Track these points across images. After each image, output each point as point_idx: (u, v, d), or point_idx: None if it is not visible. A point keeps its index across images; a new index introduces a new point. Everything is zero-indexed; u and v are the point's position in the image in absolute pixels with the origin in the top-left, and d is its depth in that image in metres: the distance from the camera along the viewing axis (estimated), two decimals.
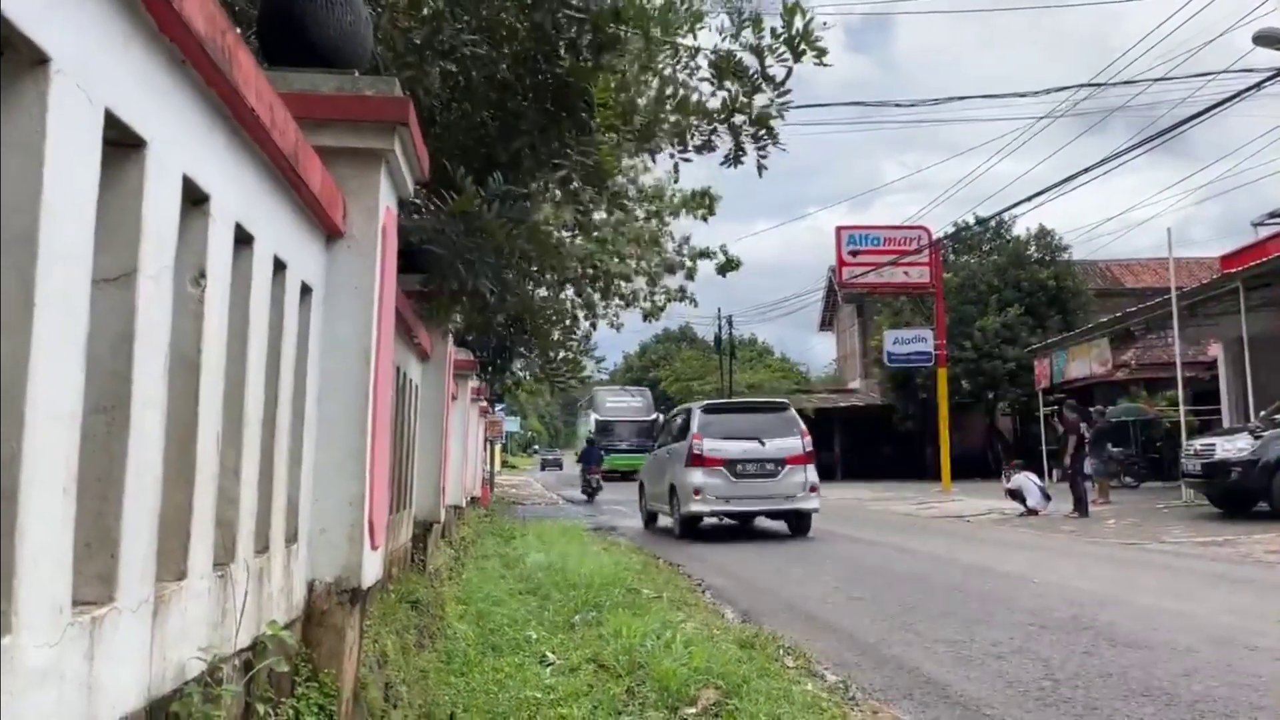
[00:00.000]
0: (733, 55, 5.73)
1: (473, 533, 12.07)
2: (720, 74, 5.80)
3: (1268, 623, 6.38)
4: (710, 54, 5.84)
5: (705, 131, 6.17)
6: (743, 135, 5.99)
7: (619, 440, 39.82)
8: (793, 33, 5.45)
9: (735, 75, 5.74)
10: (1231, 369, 21.66)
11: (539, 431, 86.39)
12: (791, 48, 5.49)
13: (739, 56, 5.72)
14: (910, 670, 5.27)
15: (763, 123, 5.91)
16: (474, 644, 5.40)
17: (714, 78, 5.86)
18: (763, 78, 5.69)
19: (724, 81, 5.82)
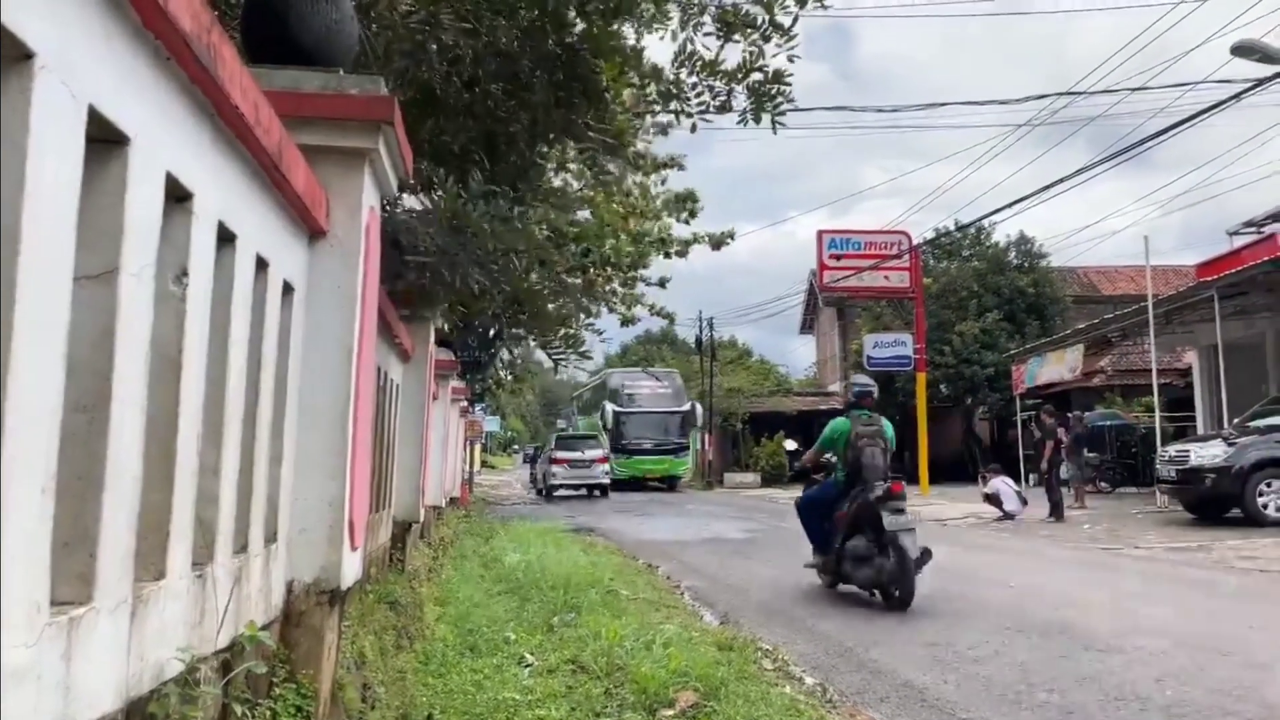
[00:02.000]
0: (738, 7, 5.73)
1: (452, 533, 12.03)
2: (729, 28, 5.79)
3: (1241, 628, 6.45)
4: (716, 7, 5.83)
5: (723, 91, 6.17)
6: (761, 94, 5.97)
7: (642, 437, 32.36)
8: None
9: (743, 27, 5.73)
10: (1206, 376, 21.89)
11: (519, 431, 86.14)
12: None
13: (745, 8, 5.72)
14: (887, 673, 5.29)
15: (779, 78, 5.90)
16: (452, 645, 5.38)
17: (720, 31, 5.85)
18: (772, 26, 5.68)
19: (732, 34, 5.81)
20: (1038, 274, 33.96)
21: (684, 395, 34.76)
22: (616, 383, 35.48)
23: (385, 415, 5.53)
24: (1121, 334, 22.49)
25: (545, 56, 5.41)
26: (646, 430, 32.48)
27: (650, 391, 34.44)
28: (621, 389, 34.57)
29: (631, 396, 33.83)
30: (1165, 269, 31.99)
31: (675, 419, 32.93)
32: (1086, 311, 31.09)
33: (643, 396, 33.93)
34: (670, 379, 35.95)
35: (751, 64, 5.75)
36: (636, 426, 32.42)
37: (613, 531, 15.08)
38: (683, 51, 5.93)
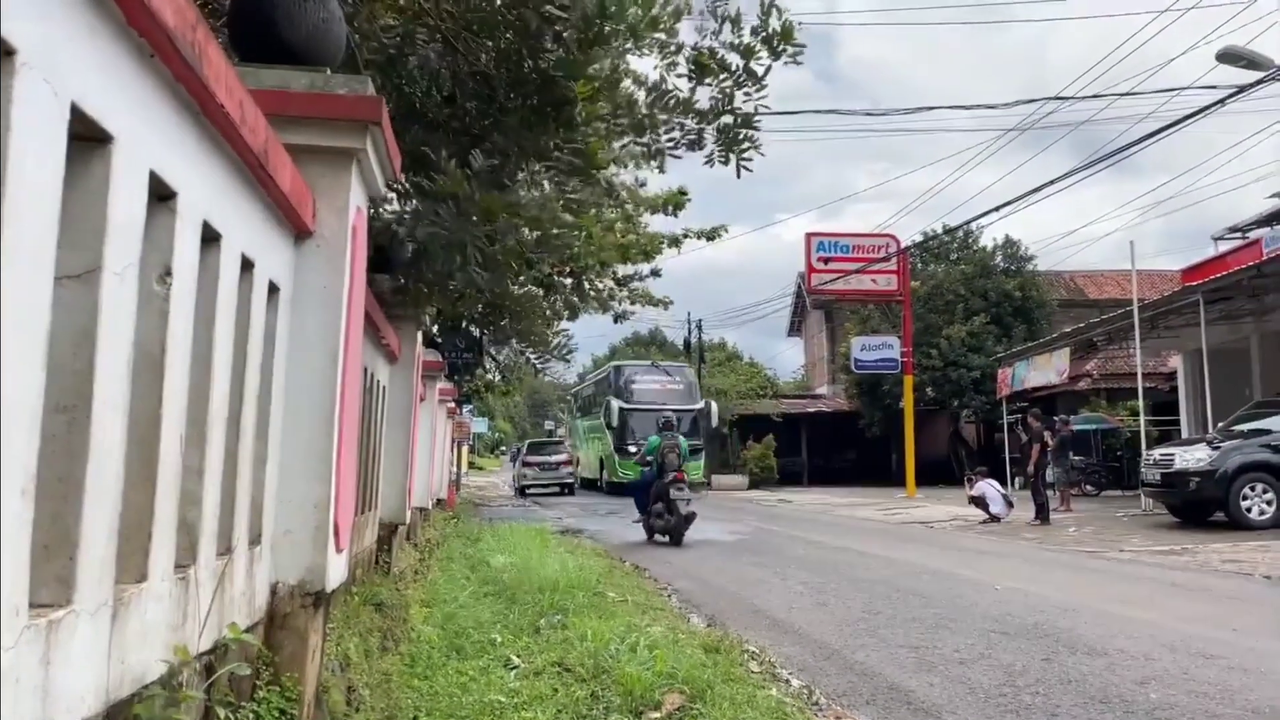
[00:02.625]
0: (715, 52, 5.79)
1: (439, 534, 12.00)
2: (702, 71, 5.86)
3: (1224, 631, 6.48)
4: (692, 50, 5.89)
5: (694, 130, 6.24)
6: (730, 137, 6.05)
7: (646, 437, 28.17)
8: (770, 31, 5.52)
9: (717, 72, 5.79)
10: (1191, 380, 22.03)
11: (507, 432, 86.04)
12: (770, 46, 5.56)
13: (721, 54, 5.77)
14: (873, 676, 5.30)
15: (748, 124, 5.97)
16: (438, 647, 5.36)
17: (694, 74, 5.91)
18: (746, 74, 5.74)
19: (705, 78, 5.88)
20: (1024, 278, 34.12)
21: (697, 392, 31.97)
22: (622, 376, 31.76)
23: (371, 417, 5.51)
24: (1107, 338, 22.59)
25: (520, 80, 5.45)
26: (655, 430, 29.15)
27: (660, 387, 31.10)
28: (628, 383, 31.19)
29: (639, 392, 30.67)
30: (1151, 273, 32.24)
31: (688, 418, 28.70)
32: (1073, 315, 31.24)
33: (652, 392, 30.62)
34: (682, 373, 32.84)
35: (723, 107, 5.82)
36: (644, 425, 27.76)
37: (601, 534, 15.08)
38: (656, 88, 5.98)
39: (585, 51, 5.42)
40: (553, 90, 5.53)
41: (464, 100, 5.78)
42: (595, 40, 5.38)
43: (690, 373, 33.41)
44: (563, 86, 5.47)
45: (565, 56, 5.39)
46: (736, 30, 5.69)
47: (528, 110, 5.65)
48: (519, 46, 5.46)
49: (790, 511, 21.43)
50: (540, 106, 5.62)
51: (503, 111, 5.70)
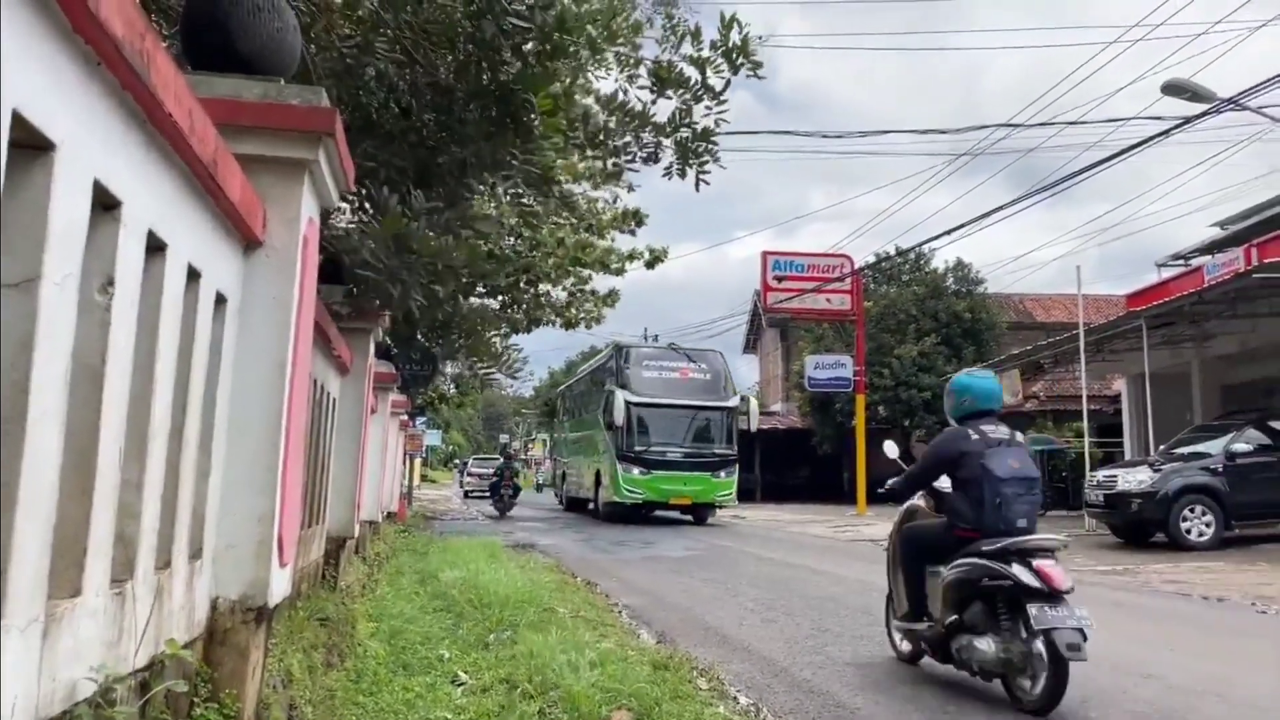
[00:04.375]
0: (674, 65, 5.84)
1: (388, 548, 11.87)
2: (662, 83, 5.91)
3: (1162, 651, 6.61)
4: (651, 63, 5.95)
5: (651, 144, 6.29)
6: (687, 150, 6.11)
7: (667, 444, 21.84)
8: (729, 45, 5.58)
9: (676, 85, 5.85)
10: (1134, 403, 22.52)
11: (461, 445, 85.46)
12: (729, 60, 5.63)
13: (680, 67, 5.83)
14: (820, 693, 5.33)
15: (706, 137, 6.03)
16: (384, 662, 5.29)
17: (654, 86, 5.96)
18: (704, 88, 5.80)
19: (665, 91, 5.93)
20: (974, 300, 34.68)
21: (729, 385, 23.58)
22: (629, 360, 23.02)
23: (321, 429, 5.45)
24: (1054, 360, 23.02)
25: (479, 92, 5.46)
26: (674, 433, 21.93)
27: (680, 376, 22.79)
28: (638, 370, 22.63)
29: (652, 381, 22.33)
30: (1097, 298, 32.93)
31: (718, 418, 22.39)
32: (1021, 337, 31.82)
33: (670, 383, 22.52)
34: (709, 360, 23.88)
35: (681, 120, 5.88)
36: (660, 427, 21.78)
37: (553, 549, 15.00)
38: (614, 100, 6.03)
39: (545, 64, 5.45)
40: (511, 102, 5.55)
41: (421, 112, 5.78)
42: (555, 53, 5.42)
43: (721, 360, 24.21)
44: (522, 98, 5.49)
45: (525, 69, 5.41)
46: (696, 44, 5.75)
47: (486, 122, 5.66)
48: (478, 58, 5.47)
49: (743, 527, 21.42)
50: (499, 118, 5.63)
51: (461, 123, 5.71)
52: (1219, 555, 13.04)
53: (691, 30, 5.81)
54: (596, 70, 6.27)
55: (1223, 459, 14.23)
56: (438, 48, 5.56)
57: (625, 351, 23.71)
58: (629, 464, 21.49)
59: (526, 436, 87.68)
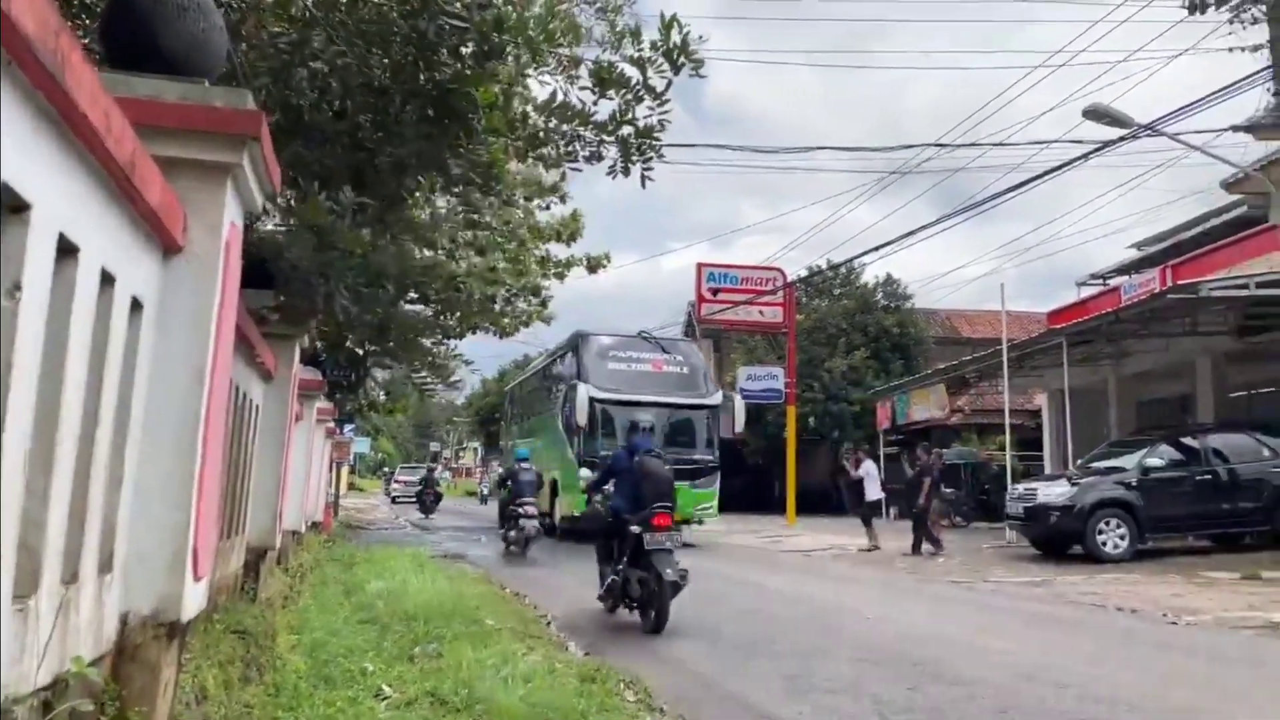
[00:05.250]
0: (614, 66, 5.85)
1: (312, 559, 11.62)
2: (602, 84, 5.91)
3: (1077, 661, 6.79)
4: (591, 64, 5.95)
5: (593, 142, 6.28)
6: (630, 148, 6.11)
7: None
8: (670, 45, 5.60)
9: (617, 85, 5.85)
10: (1054, 418, 23.14)
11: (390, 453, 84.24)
12: (670, 60, 5.65)
13: (620, 68, 5.84)
14: (747, 705, 5.36)
15: (648, 135, 6.04)
16: (305, 676, 5.18)
17: (595, 87, 5.96)
18: (645, 88, 5.82)
19: (606, 91, 5.93)
20: (903, 314, 35.35)
21: (709, 380, 20.60)
22: (592, 350, 19.66)
23: (242, 437, 5.33)
24: (978, 375, 23.56)
25: (416, 92, 5.40)
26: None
27: (653, 369, 19.59)
28: (604, 362, 19.40)
29: (620, 375, 19.14)
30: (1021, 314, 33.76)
31: (697, 418, 19.36)
32: (948, 352, 32.49)
33: (641, 377, 19.26)
34: (686, 351, 20.92)
35: (622, 118, 5.89)
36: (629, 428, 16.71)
37: (481, 559, 14.86)
38: (553, 100, 6.02)
39: (483, 64, 5.41)
40: (449, 103, 5.50)
41: (356, 113, 5.69)
42: (493, 53, 5.38)
43: (698, 352, 21.65)
44: (460, 99, 5.44)
45: (463, 69, 5.37)
46: (636, 44, 5.77)
47: (424, 122, 5.60)
48: (415, 58, 5.41)
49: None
50: (437, 119, 5.57)
51: (398, 124, 5.63)
52: (1133, 567, 13.44)
53: (631, 30, 5.82)
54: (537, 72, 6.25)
55: (1137, 474, 14.69)
56: (373, 48, 5.48)
57: (588, 340, 19.73)
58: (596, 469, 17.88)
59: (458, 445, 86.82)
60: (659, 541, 7.86)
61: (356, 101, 5.52)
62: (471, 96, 5.30)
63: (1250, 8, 13.66)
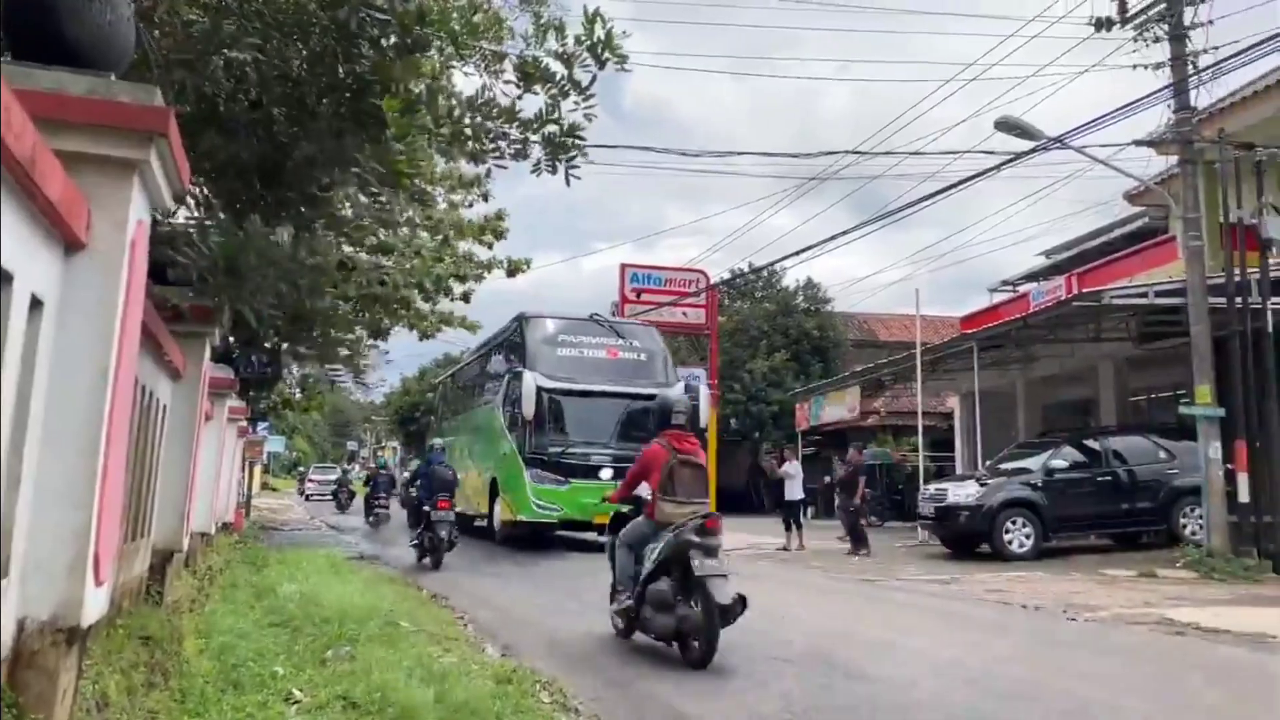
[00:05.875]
0: (539, 61, 5.85)
1: (222, 560, 11.35)
2: (528, 79, 5.90)
3: (983, 658, 7.01)
4: (516, 59, 5.93)
5: (519, 140, 6.26)
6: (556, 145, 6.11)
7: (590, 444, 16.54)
8: (594, 40, 5.62)
9: (543, 80, 5.85)
10: (965, 420, 23.81)
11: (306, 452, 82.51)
12: (595, 55, 5.67)
13: (545, 62, 5.84)
14: (660, 703, 5.42)
15: (573, 132, 6.05)
16: (213, 681, 5.07)
17: (520, 81, 5.95)
18: (570, 83, 5.83)
19: (531, 86, 5.92)
20: (822, 317, 36.00)
21: (669, 367, 18.35)
22: (541, 335, 17.55)
23: (148, 437, 5.19)
24: (894, 378, 24.12)
25: (334, 85, 5.33)
26: (600, 429, 16.65)
27: (607, 355, 17.54)
28: (551, 348, 17.31)
29: (572, 362, 17.13)
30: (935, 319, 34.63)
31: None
32: (865, 355, 33.19)
33: (594, 364, 17.23)
34: (643, 336, 18.67)
35: (547, 115, 5.90)
36: (581, 421, 16.67)
37: (397, 560, 14.69)
38: (479, 96, 6.00)
39: (404, 57, 5.36)
40: (367, 97, 5.43)
41: (271, 105, 5.58)
42: (415, 46, 5.33)
43: (656, 336, 19.18)
44: (378, 93, 5.38)
45: (382, 61, 5.31)
46: (561, 39, 5.78)
47: (339, 117, 5.52)
48: (333, 50, 5.33)
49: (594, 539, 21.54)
50: (354, 114, 5.49)
51: (313, 117, 5.54)
52: (1037, 565, 13.92)
53: (556, 25, 5.83)
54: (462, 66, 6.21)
55: (1042, 475, 15.22)
56: (290, 38, 5.38)
57: (533, 323, 17.66)
58: (540, 470, 16.11)
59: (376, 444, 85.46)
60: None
61: (272, 93, 5.42)
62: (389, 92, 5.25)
63: (1153, 27, 14.23)
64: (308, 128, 5.57)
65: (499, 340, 20.15)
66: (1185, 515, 14.87)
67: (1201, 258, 13.90)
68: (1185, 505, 14.83)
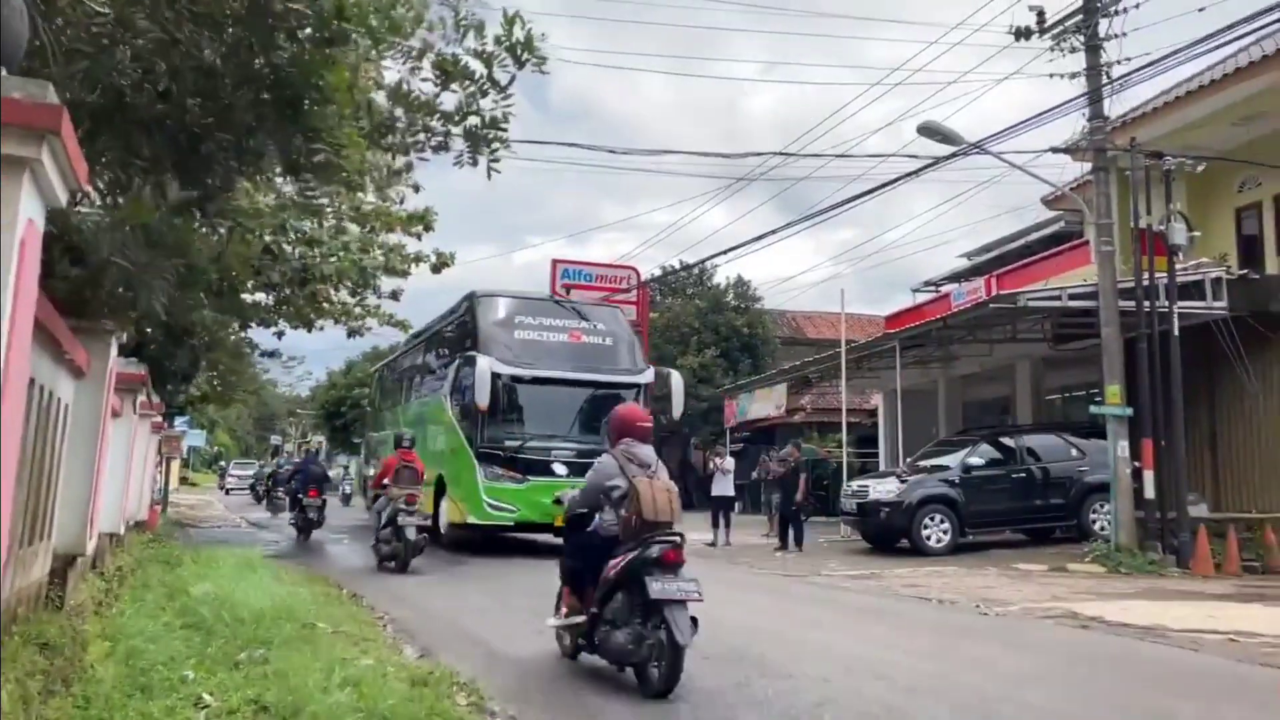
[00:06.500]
0: (458, 59, 5.82)
1: (133, 561, 11.04)
2: (447, 76, 5.87)
3: (896, 652, 7.17)
4: (436, 56, 5.90)
5: (440, 133, 6.23)
6: (477, 138, 6.10)
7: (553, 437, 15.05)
8: (514, 41, 5.62)
9: (461, 78, 5.83)
10: (888, 418, 24.28)
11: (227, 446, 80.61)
12: (514, 55, 5.67)
13: (464, 61, 5.82)
14: (579, 703, 5.44)
15: (495, 126, 6.04)
16: (119, 686, 4.94)
17: (438, 78, 5.92)
18: (489, 81, 5.81)
19: (450, 83, 5.90)
20: (752, 315, 36.35)
21: (638, 353, 16.55)
22: (497, 316, 15.72)
23: (47, 438, 5.03)
24: (820, 375, 24.47)
25: (250, 77, 5.22)
26: (562, 421, 15.17)
27: (570, 339, 15.71)
28: (508, 331, 15.43)
29: (531, 347, 15.30)
30: (861, 318, 35.21)
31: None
32: (793, 353, 33.60)
33: (556, 349, 15.48)
34: (609, 319, 16.94)
35: (467, 109, 5.88)
36: (542, 412, 14.98)
37: (320, 560, 14.46)
38: (399, 89, 5.96)
39: (323, 50, 5.28)
40: (285, 89, 5.34)
41: (183, 96, 5.44)
42: (333, 40, 5.26)
43: (623, 319, 17.60)
44: (296, 85, 5.29)
45: (301, 54, 5.22)
46: (480, 39, 5.76)
47: (256, 109, 5.41)
48: (250, 42, 5.23)
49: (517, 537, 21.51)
50: (272, 105, 5.39)
51: (229, 109, 5.43)
52: (954, 560, 14.28)
53: (475, 24, 5.81)
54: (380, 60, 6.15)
55: (959, 471, 15.61)
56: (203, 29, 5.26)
57: (487, 303, 15.85)
58: (495, 468, 14.46)
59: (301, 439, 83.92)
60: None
61: (184, 84, 5.29)
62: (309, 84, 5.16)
63: (1069, 38, 14.65)
64: (224, 120, 5.45)
65: (446, 324, 18.15)
66: (1095, 511, 15.39)
67: (1113, 262, 14.38)
68: (1095, 502, 15.35)
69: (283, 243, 13.22)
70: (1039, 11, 14.67)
